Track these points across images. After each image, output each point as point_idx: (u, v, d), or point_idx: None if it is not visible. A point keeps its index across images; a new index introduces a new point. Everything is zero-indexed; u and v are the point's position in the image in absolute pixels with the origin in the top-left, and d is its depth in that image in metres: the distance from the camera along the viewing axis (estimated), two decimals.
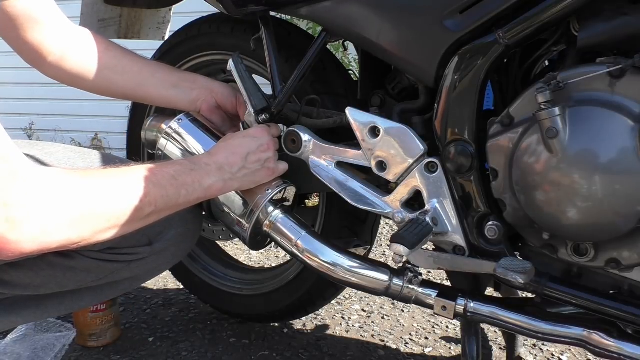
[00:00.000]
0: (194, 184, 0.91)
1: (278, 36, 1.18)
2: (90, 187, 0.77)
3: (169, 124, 1.13)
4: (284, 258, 1.95)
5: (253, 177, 1.01)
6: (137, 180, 0.83)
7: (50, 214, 0.70)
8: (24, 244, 0.68)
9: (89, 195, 0.76)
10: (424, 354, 1.38)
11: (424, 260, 1.00)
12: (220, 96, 1.15)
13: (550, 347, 1.38)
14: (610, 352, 0.87)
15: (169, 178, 0.87)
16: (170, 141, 1.12)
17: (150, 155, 1.47)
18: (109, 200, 0.78)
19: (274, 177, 1.05)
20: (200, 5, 1.35)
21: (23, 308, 0.95)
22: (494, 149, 0.90)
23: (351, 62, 2.73)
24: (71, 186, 0.74)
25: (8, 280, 0.87)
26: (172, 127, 1.13)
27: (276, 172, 1.05)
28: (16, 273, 0.88)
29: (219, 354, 1.38)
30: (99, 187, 0.78)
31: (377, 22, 0.99)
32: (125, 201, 0.80)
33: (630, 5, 0.81)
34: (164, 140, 1.13)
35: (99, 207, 0.77)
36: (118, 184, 0.81)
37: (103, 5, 1.42)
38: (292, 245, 1.05)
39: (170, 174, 0.88)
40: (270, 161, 1.03)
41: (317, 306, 1.43)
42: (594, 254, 0.88)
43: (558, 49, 0.96)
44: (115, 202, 0.79)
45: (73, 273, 0.91)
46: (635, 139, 0.77)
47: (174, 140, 1.12)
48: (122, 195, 0.80)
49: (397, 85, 1.10)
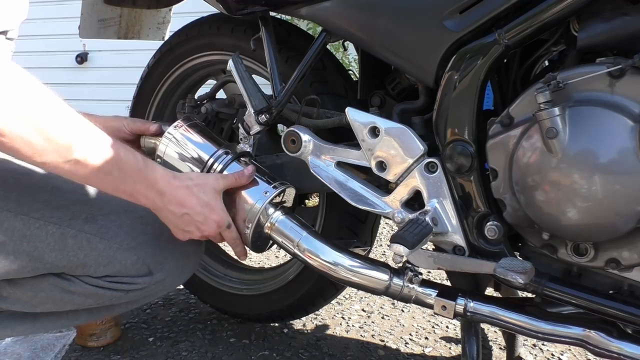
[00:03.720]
0: (134, 178, 0.87)
1: (278, 36, 1.18)
2: (42, 97, 0.77)
3: (167, 129, 1.13)
4: (284, 258, 1.95)
5: (174, 227, 0.94)
6: (91, 130, 0.82)
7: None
8: None
9: (39, 101, 0.76)
10: (424, 354, 1.38)
11: (424, 260, 1.00)
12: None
13: (550, 347, 1.38)
14: (610, 352, 0.87)
15: (117, 154, 0.84)
16: (169, 147, 1.12)
17: None
18: (53, 118, 0.78)
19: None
20: (200, 5, 1.35)
21: (19, 322, 0.95)
22: (494, 149, 0.90)
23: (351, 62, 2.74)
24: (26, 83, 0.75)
25: (5, 296, 0.87)
26: (170, 132, 1.13)
27: (196, 243, 1.00)
28: (14, 290, 0.88)
29: (219, 354, 1.38)
30: (51, 104, 0.78)
31: (377, 22, 0.99)
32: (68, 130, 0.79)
33: (630, 5, 0.81)
34: (163, 146, 1.13)
35: (40, 115, 0.76)
36: (77, 121, 0.80)
37: (103, 5, 1.42)
38: (293, 246, 1.05)
39: (121, 156, 0.85)
40: (195, 235, 0.95)
41: (317, 306, 1.43)
42: (593, 254, 0.88)
43: (558, 49, 0.96)
44: (59, 124, 0.78)
45: (71, 297, 0.91)
46: (635, 139, 0.77)
47: (172, 145, 1.12)
48: (69, 125, 0.79)
49: (397, 85, 1.10)
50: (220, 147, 1.11)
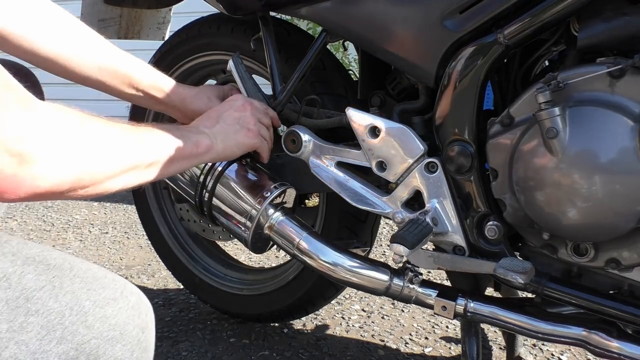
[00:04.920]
0: (186, 137, 0.89)
1: (278, 36, 1.18)
2: (100, 131, 0.73)
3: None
4: (284, 258, 1.95)
5: (235, 137, 0.98)
6: (136, 133, 0.80)
7: (65, 149, 0.64)
8: (39, 181, 0.61)
9: (99, 137, 0.72)
10: (424, 354, 1.38)
11: (424, 260, 1.00)
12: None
13: (550, 347, 1.38)
14: (610, 352, 0.87)
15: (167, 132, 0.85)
16: None
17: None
18: (118, 146, 0.75)
19: (257, 139, 1.03)
20: (200, 5, 1.35)
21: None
22: (494, 149, 0.90)
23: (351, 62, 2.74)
24: (83, 125, 0.70)
25: None
26: None
27: (258, 134, 1.03)
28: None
29: (219, 354, 1.38)
30: (109, 133, 0.74)
31: (377, 22, 0.99)
32: (132, 149, 0.77)
33: (630, 6, 0.81)
34: None
35: (110, 151, 0.73)
36: (126, 135, 0.77)
37: (103, 5, 1.42)
38: (293, 247, 1.05)
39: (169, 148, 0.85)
40: (249, 121, 1.01)
41: (317, 306, 1.43)
42: (593, 254, 0.88)
43: (558, 49, 0.96)
44: (123, 149, 0.76)
45: None
46: (635, 139, 0.77)
47: None
48: (126, 143, 0.77)
49: (397, 85, 1.10)
50: None
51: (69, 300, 0.64)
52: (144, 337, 0.70)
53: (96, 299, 0.66)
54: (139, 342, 0.69)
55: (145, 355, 0.70)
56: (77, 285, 0.66)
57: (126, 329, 0.67)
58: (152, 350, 0.72)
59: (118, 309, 0.67)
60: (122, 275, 1.90)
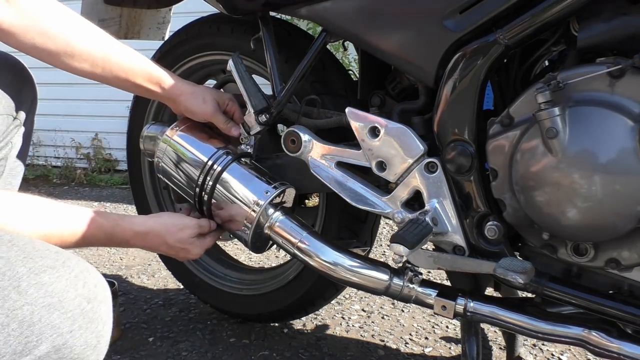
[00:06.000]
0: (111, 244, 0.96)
1: (278, 36, 1.18)
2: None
3: (166, 131, 1.13)
4: (284, 258, 1.95)
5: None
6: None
7: None
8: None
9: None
10: (424, 354, 1.38)
11: (424, 260, 1.00)
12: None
13: (550, 347, 1.38)
14: (610, 352, 0.87)
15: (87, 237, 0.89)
16: (168, 149, 1.12)
17: (150, 162, 1.47)
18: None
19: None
20: (200, 5, 1.35)
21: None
22: (494, 149, 0.90)
23: (351, 62, 2.74)
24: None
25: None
26: (168, 135, 1.13)
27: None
28: None
29: (219, 354, 1.38)
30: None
31: (377, 22, 0.99)
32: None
33: (630, 6, 0.81)
34: (161, 150, 1.13)
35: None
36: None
37: (103, 5, 1.42)
38: (293, 247, 1.05)
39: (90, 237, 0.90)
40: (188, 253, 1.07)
41: (317, 306, 1.43)
42: (593, 254, 0.88)
43: (558, 49, 0.96)
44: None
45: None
46: (634, 139, 0.77)
47: (171, 148, 1.12)
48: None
49: (397, 85, 1.10)
50: (220, 147, 1.11)
51: (1, 266, 0.62)
52: (90, 307, 0.67)
53: (32, 266, 0.64)
54: (82, 312, 0.66)
55: (92, 326, 0.67)
56: (13, 252, 0.64)
57: (65, 296, 0.64)
58: (104, 324, 0.69)
59: (56, 277, 0.65)
60: (122, 275, 1.90)
